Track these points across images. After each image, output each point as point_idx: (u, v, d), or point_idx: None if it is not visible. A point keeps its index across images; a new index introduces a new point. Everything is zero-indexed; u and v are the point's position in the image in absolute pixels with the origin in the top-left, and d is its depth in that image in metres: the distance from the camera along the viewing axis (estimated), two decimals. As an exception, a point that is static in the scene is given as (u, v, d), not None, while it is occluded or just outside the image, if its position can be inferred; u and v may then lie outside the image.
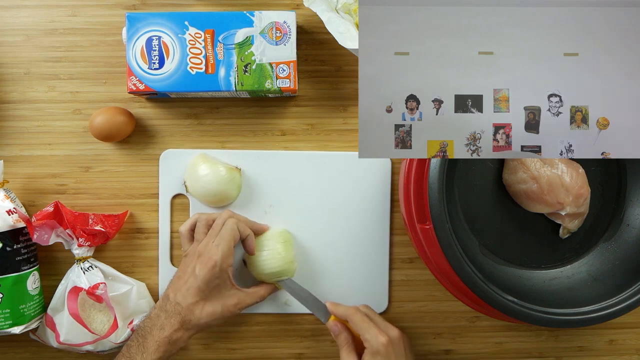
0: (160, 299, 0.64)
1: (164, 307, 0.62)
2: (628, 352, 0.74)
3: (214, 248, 0.62)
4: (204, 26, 0.65)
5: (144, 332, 0.61)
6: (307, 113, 0.71)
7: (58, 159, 0.71)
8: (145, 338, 0.61)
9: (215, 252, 0.62)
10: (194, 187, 0.68)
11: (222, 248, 0.62)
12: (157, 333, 0.61)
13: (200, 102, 0.71)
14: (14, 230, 0.65)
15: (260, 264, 0.67)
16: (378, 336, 0.61)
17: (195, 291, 0.61)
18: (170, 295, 0.62)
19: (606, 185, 0.68)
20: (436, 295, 0.73)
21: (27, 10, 0.70)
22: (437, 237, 0.56)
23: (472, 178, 0.66)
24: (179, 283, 0.63)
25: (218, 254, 0.62)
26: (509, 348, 0.73)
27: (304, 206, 0.71)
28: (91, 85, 0.71)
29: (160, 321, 0.61)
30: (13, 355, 0.72)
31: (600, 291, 0.62)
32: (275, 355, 0.72)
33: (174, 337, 0.61)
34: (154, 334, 0.61)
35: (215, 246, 0.62)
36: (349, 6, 0.66)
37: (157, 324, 0.61)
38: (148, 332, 0.61)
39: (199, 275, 0.62)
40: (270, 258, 0.67)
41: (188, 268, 0.63)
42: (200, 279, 0.61)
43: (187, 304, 0.61)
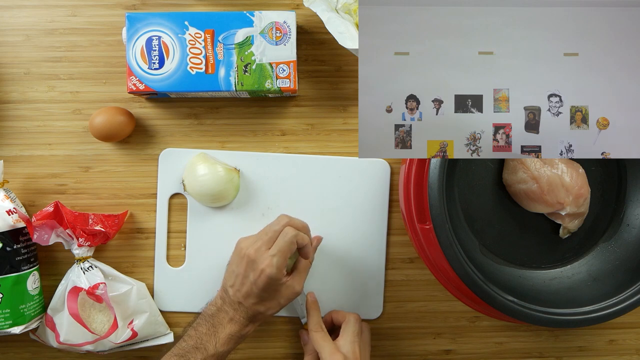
0: (221, 290, 0.64)
1: (229, 302, 0.63)
2: (628, 352, 0.74)
3: (268, 259, 0.60)
4: (204, 26, 0.65)
5: (213, 322, 0.62)
6: (307, 113, 0.71)
7: (58, 159, 0.71)
8: (216, 328, 0.62)
9: (270, 264, 0.60)
10: (192, 186, 0.68)
11: (278, 261, 0.60)
12: (228, 326, 0.62)
13: (200, 102, 0.71)
14: (14, 230, 0.65)
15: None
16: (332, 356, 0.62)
17: (255, 296, 0.61)
18: (229, 292, 0.63)
19: (606, 185, 0.68)
20: (436, 295, 0.73)
21: (27, 10, 0.70)
22: (437, 237, 0.56)
23: (472, 178, 0.66)
24: (236, 283, 0.62)
25: (273, 267, 0.60)
26: (509, 348, 0.73)
27: (301, 209, 0.71)
28: (91, 85, 0.71)
29: (229, 315, 0.62)
30: (13, 355, 0.72)
31: (600, 291, 0.62)
32: (275, 355, 0.72)
33: (244, 331, 0.63)
34: (225, 325, 0.62)
35: (271, 257, 0.61)
36: (349, 6, 0.66)
37: (226, 317, 0.62)
38: (219, 323, 0.62)
39: (255, 283, 0.61)
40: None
41: (241, 269, 0.62)
42: (257, 287, 0.61)
43: (249, 304, 0.62)
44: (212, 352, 0.61)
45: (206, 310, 0.64)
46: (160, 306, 0.71)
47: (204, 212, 0.70)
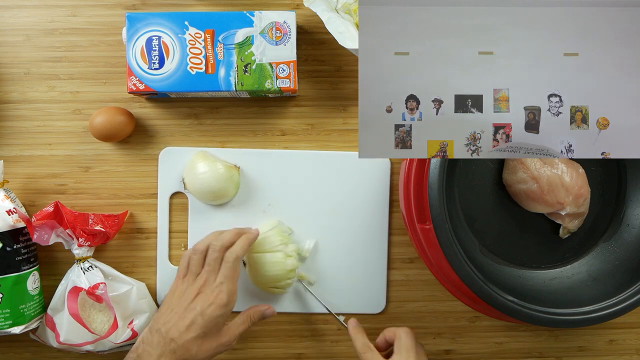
0: (147, 332, 0.59)
1: (155, 343, 0.58)
2: (628, 352, 0.74)
3: (217, 286, 0.59)
4: (204, 26, 0.65)
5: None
6: (307, 113, 0.71)
7: (58, 159, 0.71)
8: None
9: (221, 290, 0.59)
10: (192, 185, 0.68)
11: (228, 287, 0.60)
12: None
13: (200, 102, 0.71)
14: (14, 230, 0.65)
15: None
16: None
17: (196, 328, 0.58)
18: (162, 329, 0.58)
19: (606, 185, 0.68)
20: (436, 295, 0.73)
21: (27, 10, 0.70)
22: (437, 237, 0.56)
23: (472, 178, 0.66)
24: (173, 318, 0.59)
25: (224, 292, 0.59)
26: (509, 348, 0.73)
27: (302, 205, 0.71)
28: (91, 85, 0.71)
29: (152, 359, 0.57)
30: (13, 355, 0.72)
31: (600, 291, 0.62)
32: (275, 355, 0.72)
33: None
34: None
35: (220, 284, 0.60)
36: (349, 6, 0.66)
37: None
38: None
39: (203, 313, 0.58)
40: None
41: (184, 303, 0.59)
42: (204, 317, 0.58)
43: (184, 341, 0.57)
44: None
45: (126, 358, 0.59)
46: (161, 306, 0.71)
47: (204, 210, 0.70)
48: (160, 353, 0.57)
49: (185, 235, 0.71)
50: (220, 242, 0.62)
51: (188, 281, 0.62)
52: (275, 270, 0.67)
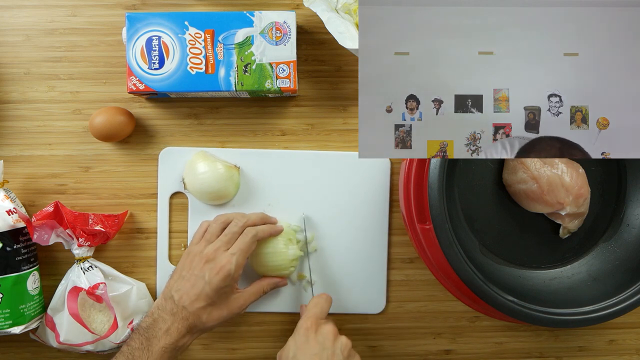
0: (161, 299, 0.62)
1: (169, 310, 0.61)
2: (628, 352, 0.74)
3: (227, 256, 0.61)
4: (204, 26, 0.65)
5: (147, 335, 0.60)
6: (307, 113, 0.71)
7: (58, 159, 0.71)
8: (150, 341, 0.59)
9: (229, 261, 0.61)
10: (192, 185, 0.68)
11: (238, 259, 0.62)
12: (163, 338, 0.59)
13: (200, 102, 0.71)
14: (14, 230, 0.65)
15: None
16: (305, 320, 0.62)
17: (205, 297, 0.61)
18: (174, 297, 0.61)
19: (606, 185, 0.68)
20: (436, 295, 0.73)
21: (27, 10, 0.70)
22: (437, 237, 0.56)
23: (472, 178, 0.66)
24: (184, 285, 0.61)
25: (232, 264, 0.61)
26: (509, 348, 0.73)
27: (302, 205, 0.71)
28: (91, 85, 0.71)
29: (167, 325, 0.60)
30: (13, 355, 0.72)
31: (600, 291, 0.62)
32: (275, 356, 0.72)
33: (180, 343, 0.60)
34: (160, 338, 0.59)
35: (230, 255, 0.62)
36: (349, 6, 0.66)
37: (162, 327, 0.60)
38: (153, 336, 0.59)
39: (210, 282, 0.61)
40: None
41: (195, 270, 0.62)
42: (211, 287, 0.60)
43: (195, 309, 0.60)
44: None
45: (141, 324, 0.61)
46: (161, 306, 0.71)
47: (204, 211, 0.70)
48: (174, 320, 0.60)
49: (185, 235, 0.71)
50: (245, 219, 0.65)
51: (200, 246, 0.64)
52: (278, 260, 0.67)
